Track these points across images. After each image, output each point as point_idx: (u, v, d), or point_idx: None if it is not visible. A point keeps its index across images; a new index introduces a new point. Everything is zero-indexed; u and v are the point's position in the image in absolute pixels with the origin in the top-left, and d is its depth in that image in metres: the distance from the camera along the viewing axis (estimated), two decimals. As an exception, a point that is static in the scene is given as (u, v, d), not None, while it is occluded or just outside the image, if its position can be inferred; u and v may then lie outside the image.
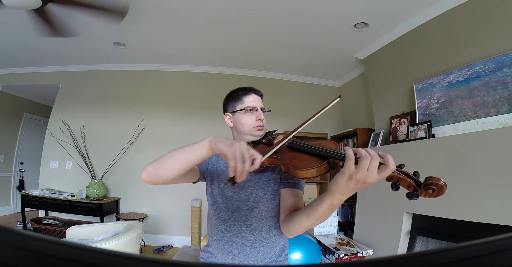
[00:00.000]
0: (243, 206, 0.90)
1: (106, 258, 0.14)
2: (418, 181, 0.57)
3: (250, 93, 0.95)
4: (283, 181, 0.91)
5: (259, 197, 0.90)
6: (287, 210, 0.85)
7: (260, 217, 0.90)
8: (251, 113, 0.92)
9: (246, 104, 0.93)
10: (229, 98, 0.98)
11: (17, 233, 0.14)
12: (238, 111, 0.93)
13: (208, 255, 0.98)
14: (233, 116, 0.95)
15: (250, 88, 0.97)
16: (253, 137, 0.92)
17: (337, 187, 0.61)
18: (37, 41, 2.95)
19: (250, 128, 0.92)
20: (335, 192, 0.62)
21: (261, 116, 0.93)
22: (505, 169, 1.47)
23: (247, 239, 0.89)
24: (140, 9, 2.34)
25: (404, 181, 0.58)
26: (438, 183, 0.54)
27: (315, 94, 3.92)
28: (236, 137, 0.99)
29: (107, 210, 3.14)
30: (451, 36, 2.05)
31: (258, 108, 0.94)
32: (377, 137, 2.62)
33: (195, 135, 3.53)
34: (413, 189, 0.58)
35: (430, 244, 1.97)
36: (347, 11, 2.29)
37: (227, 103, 0.99)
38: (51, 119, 3.60)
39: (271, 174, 0.92)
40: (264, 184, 0.91)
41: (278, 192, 0.92)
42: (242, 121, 0.92)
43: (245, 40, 2.88)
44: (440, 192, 0.55)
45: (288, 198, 0.87)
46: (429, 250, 0.14)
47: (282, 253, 0.96)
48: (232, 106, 0.96)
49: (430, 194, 0.55)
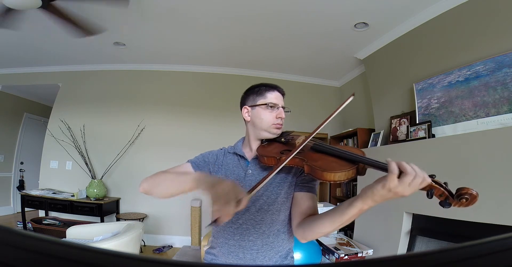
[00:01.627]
0: (252, 207, 0.86)
1: (106, 258, 0.14)
2: (450, 191, 0.59)
3: (274, 90, 0.93)
4: (299, 185, 0.87)
5: (271, 200, 0.86)
6: (302, 215, 0.82)
7: (270, 221, 0.86)
8: (272, 109, 0.89)
9: (269, 100, 0.90)
10: (251, 91, 0.95)
11: (17, 233, 0.14)
12: (258, 105, 0.90)
13: (212, 257, 0.96)
14: (252, 110, 0.92)
15: (275, 85, 0.95)
16: (269, 134, 0.90)
17: (373, 196, 0.60)
18: (37, 41, 2.95)
19: (268, 125, 0.89)
20: (368, 199, 0.61)
21: (282, 114, 0.90)
22: (505, 169, 1.47)
23: (254, 243, 0.86)
24: (140, 9, 2.34)
25: (437, 190, 0.59)
26: (472, 193, 0.55)
27: (315, 94, 3.92)
28: (250, 133, 0.95)
29: (107, 210, 3.14)
30: (451, 36, 2.05)
31: (280, 106, 0.91)
32: (377, 137, 2.62)
33: (195, 135, 3.54)
34: (445, 198, 0.59)
35: (430, 244, 1.97)
36: (347, 11, 2.29)
37: (247, 96, 0.95)
38: (51, 119, 3.60)
39: (286, 176, 0.88)
40: (277, 187, 0.87)
41: (291, 196, 0.88)
42: (261, 116, 0.90)
43: (245, 40, 2.88)
44: (473, 202, 0.56)
45: (304, 203, 0.84)
46: (429, 250, 0.14)
47: (287, 255, 0.93)
48: (252, 100, 0.93)
49: (462, 203, 0.57)
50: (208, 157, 0.97)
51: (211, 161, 0.96)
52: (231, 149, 0.99)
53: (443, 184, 0.59)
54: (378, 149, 2.50)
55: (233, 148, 0.99)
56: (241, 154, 0.95)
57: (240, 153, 0.95)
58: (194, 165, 0.95)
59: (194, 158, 0.98)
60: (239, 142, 1.01)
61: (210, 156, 0.98)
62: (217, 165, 0.96)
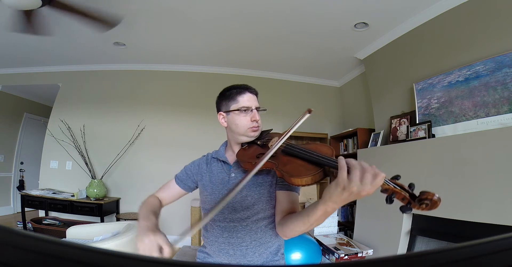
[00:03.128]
0: (239, 207, 0.89)
1: (106, 258, 0.14)
2: (413, 194, 0.58)
3: (244, 92, 0.91)
4: (278, 184, 0.89)
5: (255, 200, 0.89)
6: (283, 212, 0.84)
7: (256, 218, 0.89)
8: (246, 113, 0.88)
9: (241, 104, 0.89)
10: (223, 96, 0.94)
11: (17, 233, 0.14)
12: (232, 111, 0.90)
13: (204, 256, 0.98)
14: (227, 116, 0.92)
15: (245, 86, 0.93)
16: (247, 138, 0.90)
17: (330, 197, 0.60)
18: (37, 41, 2.94)
19: (245, 129, 0.89)
20: (328, 201, 0.62)
21: (256, 116, 0.89)
22: (505, 169, 1.47)
23: (243, 239, 0.88)
24: (140, 9, 2.33)
25: (399, 194, 0.58)
26: (432, 199, 0.55)
27: (315, 94, 3.92)
28: (230, 137, 0.97)
29: (107, 210, 3.14)
30: (451, 36, 2.05)
31: (253, 108, 0.90)
32: (377, 137, 2.62)
33: (195, 135, 3.54)
34: (407, 203, 0.58)
35: (430, 244, 1.97)
36: (347, 11, 2.29)
37: (220, 102, 0.95)
38: (51, 119, 3.60)
39: (266, 176, 0.90)
40: (259, 187, 0.90)
41: (274, 194, 0.90)
42: (236, 121, 0.89)
43: (244, 40, 2.88)
44: (434, 207, 0.56)
45: (284, 201, 0.86)
46: (429, 250, 0.14)
47: (278, 252, 0.95)
48: (226, 106, 0.92)
49: (423, 208, 0.56)
50: (190, 170, 1.02)
51: (194, 172, 1.01)
52: (215, 154, 1.02)
53: (406, 187, 0.58)
54: (378, 149, 2.50)
55: (216, 153, 1.02)
56: (223, 160, 0.97)
57: (222, 159, 0.97)
58: (178, 181, 1.01)
59: (179, 172, 1.05)
60: (222, 146, 1.03)
61: (192, 167, 1.02)
62: (200, 174, 0.99)
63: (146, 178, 3.38)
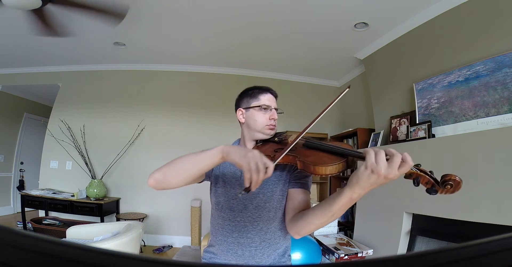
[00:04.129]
0: (250, 205, 0.89)
1: (106, 258, 0.14)
2: (435, 178, 0.61)
3: (266, 92, 0.96)
4: (292, 181, 0.90)
5: (267, 197, 0.89)
6: (295, 209, 0.85)
7: (267, 218, 0.89)
8: (265, 111, 0.92)
9: (262, 102, 0.93)
10: (245, 94, 0.98)
11: (17, 233, 0.14)
12: (252, 107, 0.93)
13: (211, 256, 0.97)
14: (246, 112, 0.95)
15: (268, 87, 0.98)
16: (263, 135, 0.93)
17: (357, 180, 0.61)
18: (37, 41, 2.94)
19: (262, 126, 0.92)
20: (354, 186, 0.63)
21: (275, 115, 0.93)
22: (505, 169, 1.47)
23: (252, 240, 0.88)
24: (140, 9, 2.33)
25: (423, 178, 0.61)
26: (455, 179, 0.58)
27: (315, 94, 3.92)
28: (245, 134, 0.98)
29: (107, 210, 3.14)
30: (451, 36, 2.05)
31: (273, 107, 0.94)
32: (377, 137, 2.62)
33: (195, 135, 3.54)
34: (431, 185, 0.61)
35: (430, 244, 1.97)
36: (347, 11, 2.29)
37: (241, 99, 0.98)
38: (51, 119, 3.60)
39: (281, 173, 0.91)
40: (272, 184, 0.90)
41: (286, 193, 0.91)
42: (255, 117, 0.92)
43: (244, 40, 2.88)
44: (457, 188, 0.58)
45: (297, 198, 0.87)
46: (429, 250, 0.14)
47: (285, 253, 0.95)
48: (246, 102, 0.96)
49: (448, 190, 0.59)
50: None
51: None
52: None
53: (428, 172, 0.62)
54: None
55: None
56: None
57: None
58: None
59: None
60: (235, 143, 1.04)
61: None
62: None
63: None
